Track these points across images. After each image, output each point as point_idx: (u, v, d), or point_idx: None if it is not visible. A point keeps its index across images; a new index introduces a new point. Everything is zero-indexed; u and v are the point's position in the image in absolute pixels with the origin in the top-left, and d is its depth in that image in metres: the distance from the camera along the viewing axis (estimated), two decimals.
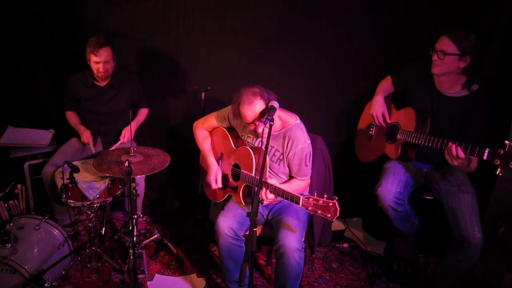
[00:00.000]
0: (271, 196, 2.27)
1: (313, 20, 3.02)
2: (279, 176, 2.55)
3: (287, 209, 2.51)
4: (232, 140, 2.64)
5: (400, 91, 2.75)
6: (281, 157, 2.49)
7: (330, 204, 2.02)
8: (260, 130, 2.35)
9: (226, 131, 2.68)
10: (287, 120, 2.48)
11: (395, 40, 2.95)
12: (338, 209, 2.01)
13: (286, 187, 2.30)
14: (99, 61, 2.93)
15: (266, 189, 2.26)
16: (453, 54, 2.32)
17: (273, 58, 3.15)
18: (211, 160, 2.68)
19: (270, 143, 2.45)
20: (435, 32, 2.43)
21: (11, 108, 3.46)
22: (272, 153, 2.51)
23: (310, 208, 2.08)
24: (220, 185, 2.63)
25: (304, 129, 2.47)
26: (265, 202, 2.35)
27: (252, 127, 2.41)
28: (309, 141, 2.47)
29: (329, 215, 2.02)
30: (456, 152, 2.15)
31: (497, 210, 2.88)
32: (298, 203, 2.12)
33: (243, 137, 2.62)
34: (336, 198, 2.01)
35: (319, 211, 2.04)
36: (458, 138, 2.25)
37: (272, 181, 2.30)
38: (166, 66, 3.34)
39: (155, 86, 3.42)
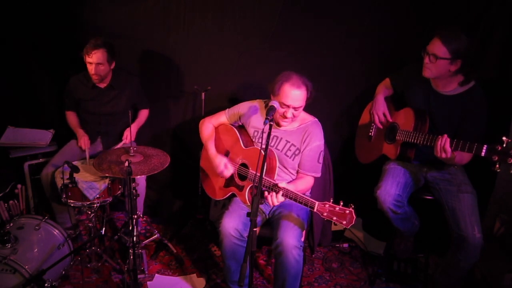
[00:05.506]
0: (281, 199, 2.25)
1: (313, 20, 3.01)
2: (289, 172, 2.56)
3: (288, 208, 2.51)
4: (242, 139, 2.61)
5: (399, 93, 2.76)
6: (296, 152, 2.51)
7: (347, 211, 2.04)
8: (289, 115, 2.39)
9: (235, 129, 2.66)
10: (307, 117, 2.56)
11: (395, 40, 2.94)
12: (354, 217, 2.03)
13: (292, 187, 2.29)
14: (92, 62, 2.94)
15: (277, 193, 2.24)
16: (444, 58, 2.32)
17: (273, 58, 3.14)
18: (217, 152, 2.65)
19: (286, 138, 2.53)
20: (430, 32, 2.43)
21: (11, 108, 3.46)
22: (288, 148, 2.53)
23: (325, 214, 2.09)
24: (231, 171, 2.58)
25: (322, 129, 2.54)
26: (275, 204, 2.30)
27: (284, 111, 2.40)
28: (323, 141, 2.53)
29: (344, 222, 2.05)
30: (443, 143, 2.18)
31: (497, 210, 2.88)
32: (313, 208, 2.13)
33: (254, 138, 2.60)
34: (353, 206, 2.04)
35: (335, 218, 2.06)
36: (457, 135, 2.25)
37: (283, 184, 2.28)
38: (166, 66, 3.33)
39: (155, 86, 3.42)
